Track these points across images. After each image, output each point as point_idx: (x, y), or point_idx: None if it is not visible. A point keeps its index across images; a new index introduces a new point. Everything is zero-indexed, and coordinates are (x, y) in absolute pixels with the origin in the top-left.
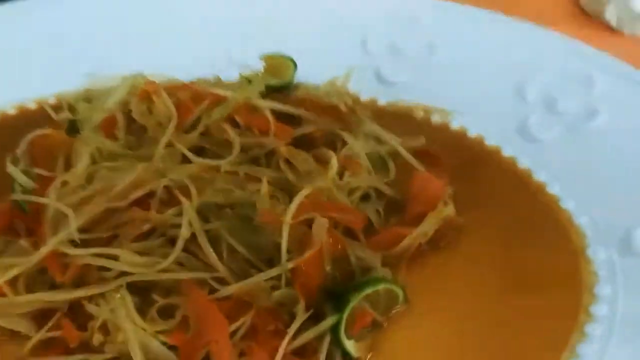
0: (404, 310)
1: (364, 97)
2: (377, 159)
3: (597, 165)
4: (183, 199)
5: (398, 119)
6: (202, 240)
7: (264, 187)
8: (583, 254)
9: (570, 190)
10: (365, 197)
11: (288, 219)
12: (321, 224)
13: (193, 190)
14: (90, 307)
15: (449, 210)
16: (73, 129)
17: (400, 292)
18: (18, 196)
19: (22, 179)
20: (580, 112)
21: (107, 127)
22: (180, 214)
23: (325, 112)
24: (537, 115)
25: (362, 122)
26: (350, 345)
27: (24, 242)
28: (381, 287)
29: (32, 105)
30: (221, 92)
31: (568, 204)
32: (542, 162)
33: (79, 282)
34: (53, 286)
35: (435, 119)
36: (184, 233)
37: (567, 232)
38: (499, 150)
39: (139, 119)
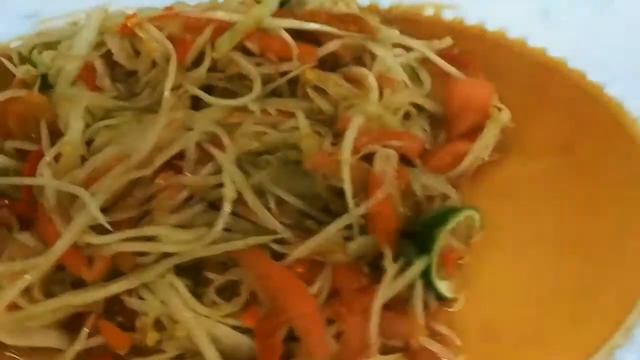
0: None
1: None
2: (408, 70)
3: None
4: (218, 153)
5: (406, 21)
6: (251, 198)
7: (303, 123)
8: None
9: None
10: (405, 115)
11: (346, 157)
12: (385, 157)
13: (227, 141)
14: (134, 303)
15: (506, 115)
16: (44, 85)
17: (477, 217)
18: (11, 180)
19: None
20: None
21: (88, 78)
22: (218, 171)
23: (345, 23)
24: None
25: (381, 30)
26: (443, 286)
27: (24, 236)
28: (464, 215)
29: None
30: (225, 15)
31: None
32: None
33: (111, 273)
34: (77, 283)
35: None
36: (229, 194)
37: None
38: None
39: (124, 62)
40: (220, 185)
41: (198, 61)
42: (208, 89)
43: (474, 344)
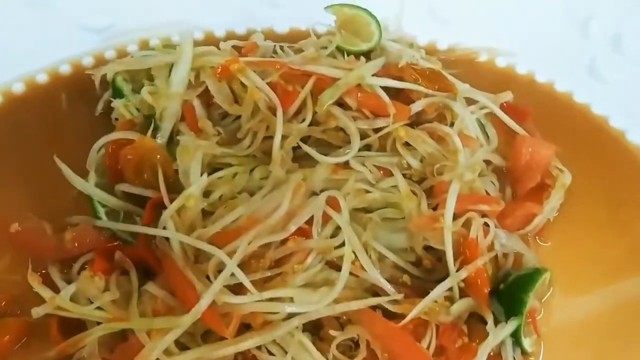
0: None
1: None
2: (479, 126)
3: None
4: (337, 215)
5: (461, 65)
6: (365, 259)
7: (402, 183)
8: None
9: None
10: None
11: (449, 224)
12: (481, 225)
13: (342, 202)
14: (266, 358)
15: (568, 177)
16: (146, 126)
17: (549, 277)
18: (138, 228)
19: (106, 198)
20: None
21: (190, 119)
22: (335, 232)
23: (430, 81)
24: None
25: (456, 85)
26: (527, 343)
27: (152, 288)
28: (544, 277)
29: (42, 78)
30: (328, 70)
31: None
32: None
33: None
34: (205, 336)
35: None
36: (349, 255)
37: None
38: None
39: (226, 106)
40: (338, 245)
41: (296, 112)
42: (303, 140)
43: None
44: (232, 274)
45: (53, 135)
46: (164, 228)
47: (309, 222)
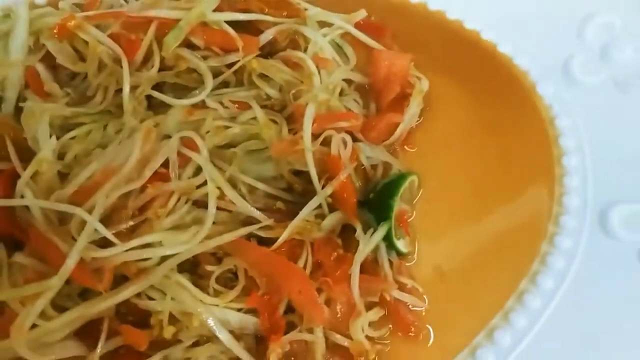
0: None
1: None
2: (334, 46)
3: None
4: (195, 155)
5: None
6: (230, 192)
7: (260, 114)
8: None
9: None
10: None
11: (308, 145)
12: (340, 140)
13: (199, 141)
14: (147, 304)
15: (426, 84)
16: None
17: (416, 179)
18: None
19: None
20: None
21: (35, 85)
22: (197, 172)
23: (277, 9)
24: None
25: (307, 10)
26: (401, 244)
27: (20, 257)
28: (408, 181)
29: None
30: (167, 13)
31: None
32: None
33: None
34: (83, 294)
35: None
36: (213, 191)
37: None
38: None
39: (70, 65)
40: (202, 184)
41: (145, 60)
42: (157, 86)
43: (431, 288)
44: (96, 230)
45: None
46: (22, 197)
47: (167, 166)
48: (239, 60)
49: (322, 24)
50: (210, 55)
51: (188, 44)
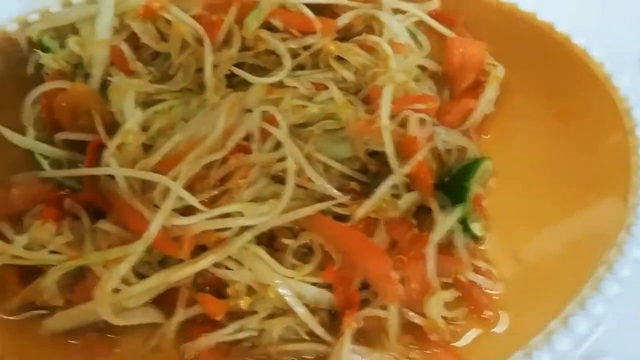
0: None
1: None
2: (409, 34)
3: None
4: (276, 130)
5: None
6: (308, 168)
7: (337, 94)
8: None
9: None
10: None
11: (386, 124)
12: (418, 120)
13: (279, 118)
14: (226, 273)
15: (502, 71)
16: (76, 74)
17: (490, 165)
18: (81, 171)
19: (47, 149)
20: None
21: (120, 63)
22: (276, 147)
23: None
24: None
25: None
26: (477, 228)
27: (105, 225)
28: (484, 165)
29: None
30: None
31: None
32: None
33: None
34: (163, 262)
35: None
36: (292, 166)
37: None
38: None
39: (154, 45)
40: (281, 159)
41: (225, 40)
42: (238, 66)
43: (506, 271)
44: (180, 198)
45: None
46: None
47: (249, 139)
48: (316, 42)
49: (396, 12)
50: (289, 37)
51: (267, 26)
